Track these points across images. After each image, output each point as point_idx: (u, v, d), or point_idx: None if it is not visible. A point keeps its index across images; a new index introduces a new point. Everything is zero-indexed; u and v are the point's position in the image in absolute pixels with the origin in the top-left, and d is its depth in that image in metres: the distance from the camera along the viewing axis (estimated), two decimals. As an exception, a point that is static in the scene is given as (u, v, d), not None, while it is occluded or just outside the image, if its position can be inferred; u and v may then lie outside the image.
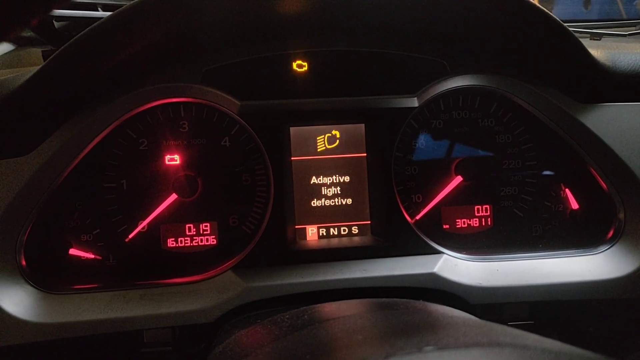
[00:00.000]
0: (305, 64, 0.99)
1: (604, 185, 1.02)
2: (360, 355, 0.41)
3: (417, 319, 0.56)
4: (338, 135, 1.03)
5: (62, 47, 0.79)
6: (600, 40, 1.46)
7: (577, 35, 1.43)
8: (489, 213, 1.09)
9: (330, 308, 0.68)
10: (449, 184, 1.07)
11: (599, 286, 0.95)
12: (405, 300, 0.72)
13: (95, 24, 0.78)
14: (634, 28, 1.54)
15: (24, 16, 0.33)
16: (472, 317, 0.65)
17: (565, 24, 1.55)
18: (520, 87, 1.02)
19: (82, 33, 0.78)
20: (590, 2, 2.98)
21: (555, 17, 0.88)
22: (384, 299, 0.72)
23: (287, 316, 0.68)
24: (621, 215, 1.01)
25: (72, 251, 0.99)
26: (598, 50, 0.98)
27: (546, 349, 0.40)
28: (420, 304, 0.69)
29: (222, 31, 0.94)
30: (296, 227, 1.02)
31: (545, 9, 0.86)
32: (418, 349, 0.40)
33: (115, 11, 0.78)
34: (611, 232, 1.02)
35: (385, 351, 0.41)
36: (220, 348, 0.73)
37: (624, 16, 2.48)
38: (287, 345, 0.54)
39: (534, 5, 0.86)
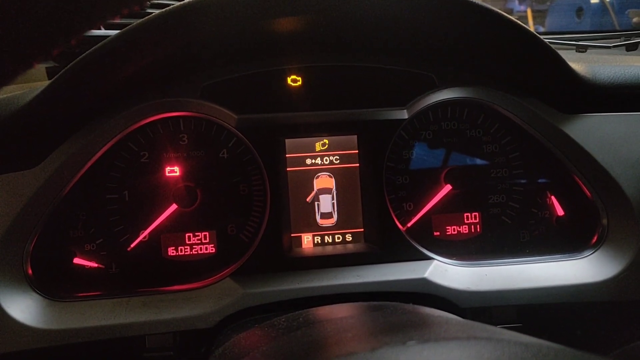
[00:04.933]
0: (299, 78, 1.04)
1: (588, 193, 1.06)
2: (349, 350, 0.45)
3: (403, 319, 0.60)
4: (332, 147, 1.07)
5: (70, 65, 0.83)
6: (585, 52, 1.52)
7: (564, 47, 1.50)
8: (477, 220, 1.13)
9: (324, 311, 0.72)
10: (438, 192, 1.11)
11: (584, 289, 0.99)
12: (395, 303, 0.76)
13: (102, 43, 0.81)
14: (618, 40, 1.59)
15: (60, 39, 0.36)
16: (457, 317, 0.68)
17: (553, 37, 1.61)
18: (506, 98, 1.07)
19: (89, 51, 0.82)
20: (582, 13, 3.05)
21: (534, 32, 0.92)
22: (375, 302, 0.76)
23: (284, 319, 0.72)
24: (604, 221, 1.05)
25: (76, 260, 1.02)
26: (579, 64, 1.03)
27: (518, 341, 0.44)
28: (409, 306, 0.73)
29: (220, 49, 0.98)
30: (292, 235, 1.05)
31: (525, 26, 0.91)
32: (402, 343, 0.44)
33: (122, 30, 0.82)
34: (595, 238, 1.06)
35: (371, 345, 0.45)
36: (219, 350, 0.76)
37: (617, 26, 2.54)
38: (282, 344, 0.58)
39: (515, 23, 0.91)
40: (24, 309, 0.90)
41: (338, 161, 1.07)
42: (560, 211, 1.13)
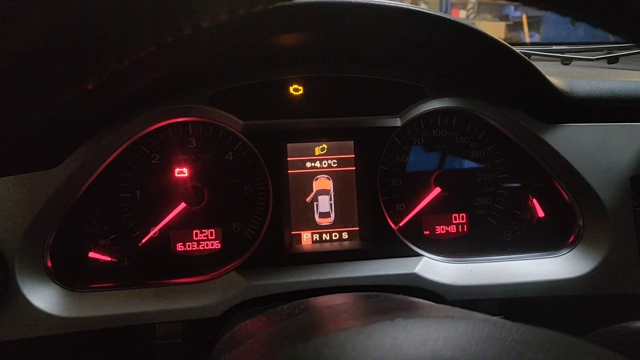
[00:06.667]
0: (300, 88, 1.11)
1: (566, 196, 1.14)
2: (344, 326, 0.53)
3: (393, 304, 0.68)
4: (330, 151, 1.15)
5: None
6: (570, 64, 1.61)
7: (550, 59, 1.58)
8: (465, 220, 1.21)
9: (323, 299, 0.80)
10: (429, 194, 1.19)
11: (561, 284, 1.07)
12: (386, 293, 0.84)
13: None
14: (602, 53, 1.68)
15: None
16: (440, 304, 0.77)
17: (540, 48, 1.70)
18: (491, 108, 1.15)
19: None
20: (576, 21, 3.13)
21: (518, 52, 1.00)
22: (369, 292, 0.84)
23: (286, 307, 0.79)
24: (580, 223, 1.13)
25: (91, 254, 1.09)
26: (558, 77, 1.11)
27: (487, 319, 0.52)
28: (398, 296, 0.81)
29: (227, 61, 1.05)
30: (292, 232, 1.13)
31: (509, 46, 0.99)
32: (390, 320, 0.52)
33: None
34: (572, 238, 1.14)
35: (363, 322, 0.53)
36: (227, 336, 0.84)
37: (611, 37, 2.64)
38: (285, 326, 0.66)
39: (499, 42, 0.98)
40: (45, 298, 0.97)
41: (336, 164, 1.15)
42: (540, 213, 1.20)
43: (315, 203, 1.14)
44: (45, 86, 0.43)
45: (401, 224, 1.18)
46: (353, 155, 1.14)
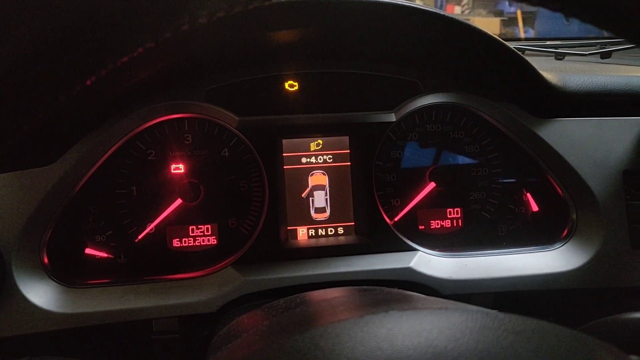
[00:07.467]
0: (295, 83, 1.12)
1: (560, 191, 1.15)
2: (340, 318, 0.54)
3: (388, 297, 0.69)
4: (325, 147, 1.15)
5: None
6: (563, 59, 1.62)
7: (544, 54, 1.59)
8: (459, 215, 1.22)
9: (319, 293, 0.81)
10: (423, 189, 1.19)
11: (554, 278, 1.08)
12: (381, 287, 0.85)
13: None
14: (594, 48, 1.69)
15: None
16: (435, 297, 0.77)
17: (534, 43, 1.70)
18: (485, 103, 1.15)
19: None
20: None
21: (512, 47, 1.01)
22: (364, 286, 0.85)
23: (282, 301, 0.80)
24: (574, 217, 1.14)
25: (88, 250, 1.09)
26: (551, 72, 1.12)
27: (481, 310, 0.53)
28: (393, 289, 0.82)
29: (223, 57, 1.06)
30: (288, 228, 1.13)
31: (503, 41, 0.99)
32: (385, 312, 0.53)
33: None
34: (565, 231, 1.15)
35: (359, 314, 0.53)
36: (224, 330, 0.84)
37: (604, 33, 2.66)
38: (281, 319, 0.67)
39: (492, 38, 0.99)
40: (42, 294, 0.97)
41: (331, 160, 1.15)
42: (534, 207, 1.22)
43: (310, 198, 1.15)
44: (46, 86, 0.44)
45: (396, 219, 1.19)
46: (348, 151, 1.15)
